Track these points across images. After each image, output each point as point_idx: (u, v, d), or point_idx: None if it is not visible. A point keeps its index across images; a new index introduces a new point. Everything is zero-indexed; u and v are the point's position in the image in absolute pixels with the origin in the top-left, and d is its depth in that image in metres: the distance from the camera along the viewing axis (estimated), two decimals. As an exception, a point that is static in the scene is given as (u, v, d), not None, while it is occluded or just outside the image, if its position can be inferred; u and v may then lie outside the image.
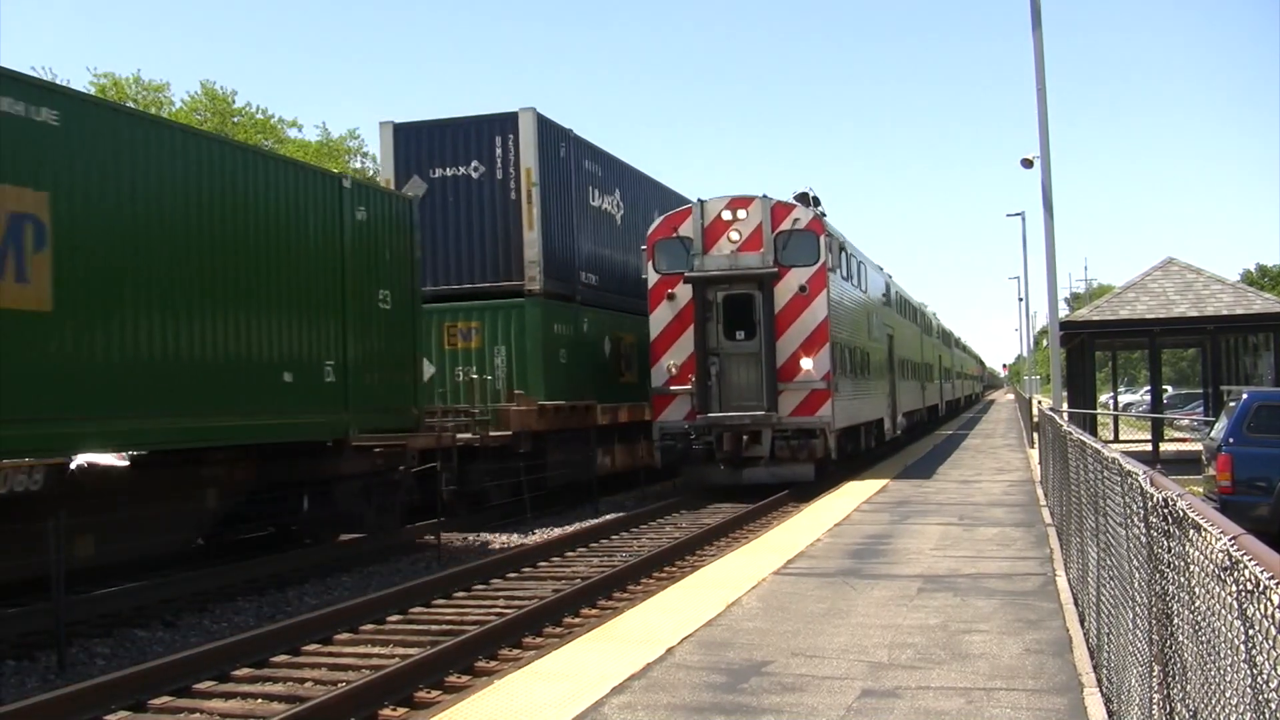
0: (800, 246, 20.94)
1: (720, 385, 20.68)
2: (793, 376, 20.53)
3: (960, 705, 6.17)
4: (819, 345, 20.58)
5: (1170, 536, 3.83)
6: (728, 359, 20.85)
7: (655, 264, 21.39)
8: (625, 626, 8.55)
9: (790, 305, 20.75)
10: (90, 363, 10.58)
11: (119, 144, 11.13)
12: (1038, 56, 20.56)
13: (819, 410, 20.40)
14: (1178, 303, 25.82)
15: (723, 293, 20.89)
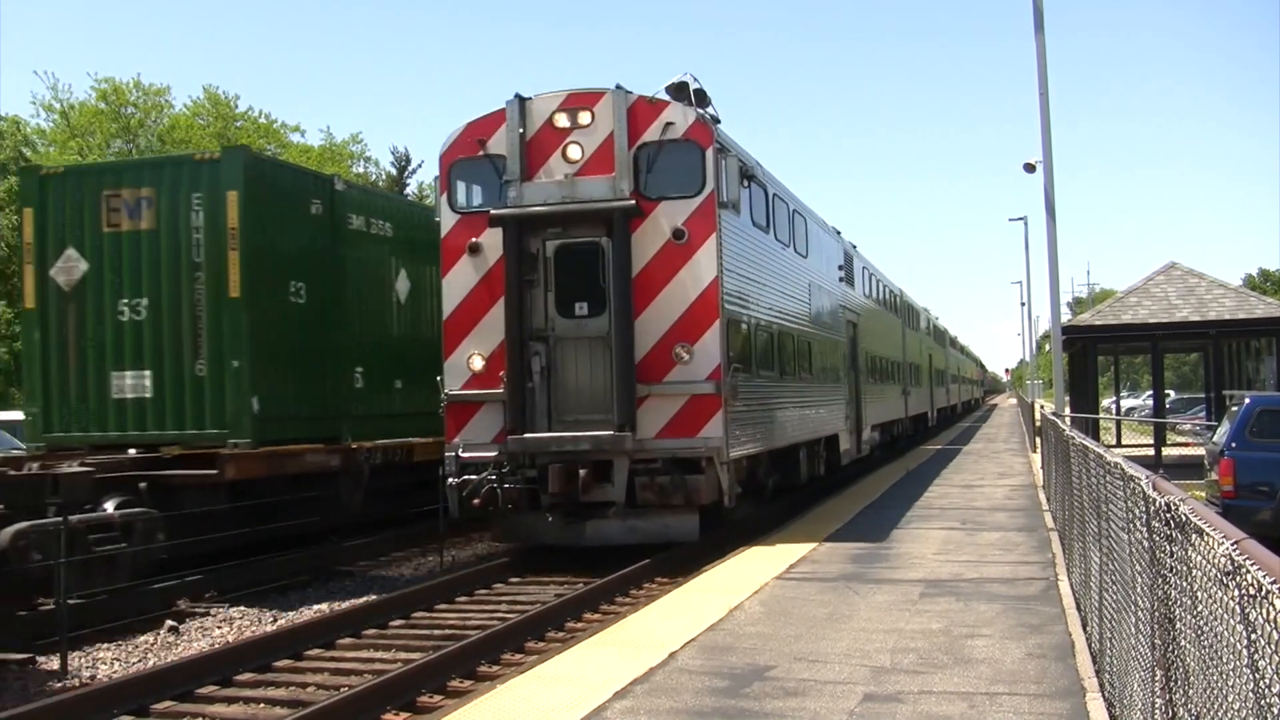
0: (675, 167, 13.52)
1: (549, 388, 13.31)
2: (662, 375, 13.11)
3: (963, 710, 6.17)
4: (704, 324, 13.13)
5: (1172, 541, 3.83)
6: (561, 347, 13.40)
7: (451, 197, 13.98)
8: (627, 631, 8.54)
9: (659, 261, 13.27)
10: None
11: None
12: (1040, 60, 20.58)
13: (703, 428, 12.95)
14: (1180, 307, 25.81)
15: (554, 241, 13.45)
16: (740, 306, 14.49)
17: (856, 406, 23.56)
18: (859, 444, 23.73)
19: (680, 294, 13.28)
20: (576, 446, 12.98)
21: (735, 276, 14.09)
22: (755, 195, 15.72)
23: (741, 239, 14.69)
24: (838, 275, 22.85)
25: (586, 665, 7.43)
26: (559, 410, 13.39)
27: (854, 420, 23.20)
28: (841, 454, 21.37)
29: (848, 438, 22.19)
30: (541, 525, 13.48)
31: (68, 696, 7.81)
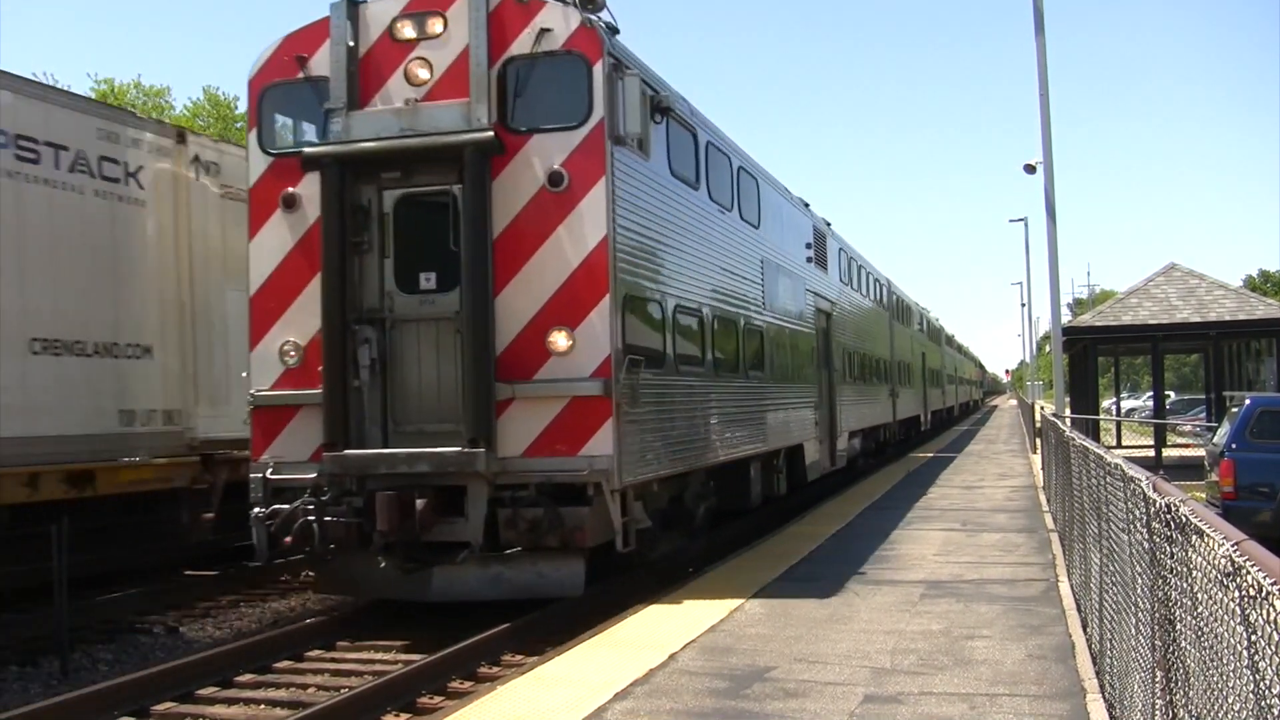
0: (552, 89, 10.29)
1: (384, 388, 10.29)
2: (532, 370, 9.94)
3: (963, 711, 6.18)
4: (588, 301, 9.89)
5: (1173, 542, 3.84)
6: (401, 333, 10.38)
7: (261, 134, 10.87)
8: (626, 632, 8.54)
9: (530, 215, 10.03)
10: None
11: None
12: (1040, 61, 20.59)
13: (587, 443, 9.71)
14: (1180, 308, 25.82)
15: (393, 191, 10.39)
16: (646, 278, 10.97)
17: (829, 410, 19.97)
18: (832, 454, 20.02)
19: (557, 260, 9.88)
20: (412, 467, 9.68)
21: (638, 237, 10.64)
22: (678, 139, 12.16)
23: (650, 189, 11.09)
24: (805, 255, 19.13)
25: (586, 666, 7.43)
26: (397, 417, 10.23)
27: (825, 427, 19.60)
28: (808, 467, 17.87)
29: (816, 448, 18.63)
30: (374, 574, 10.08)
31: (68, 697, 7.81)
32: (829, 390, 20.14)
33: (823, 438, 19.31)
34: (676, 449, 11.52)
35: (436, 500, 9.69)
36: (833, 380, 20.49)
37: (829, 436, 19.94)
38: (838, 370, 21.04)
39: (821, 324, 19.92)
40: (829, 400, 20.05)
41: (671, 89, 11.82)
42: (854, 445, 23.05)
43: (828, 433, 19.83)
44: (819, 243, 20.48)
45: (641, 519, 10.54)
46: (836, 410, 20.56)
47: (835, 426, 20.39)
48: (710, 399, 12.83)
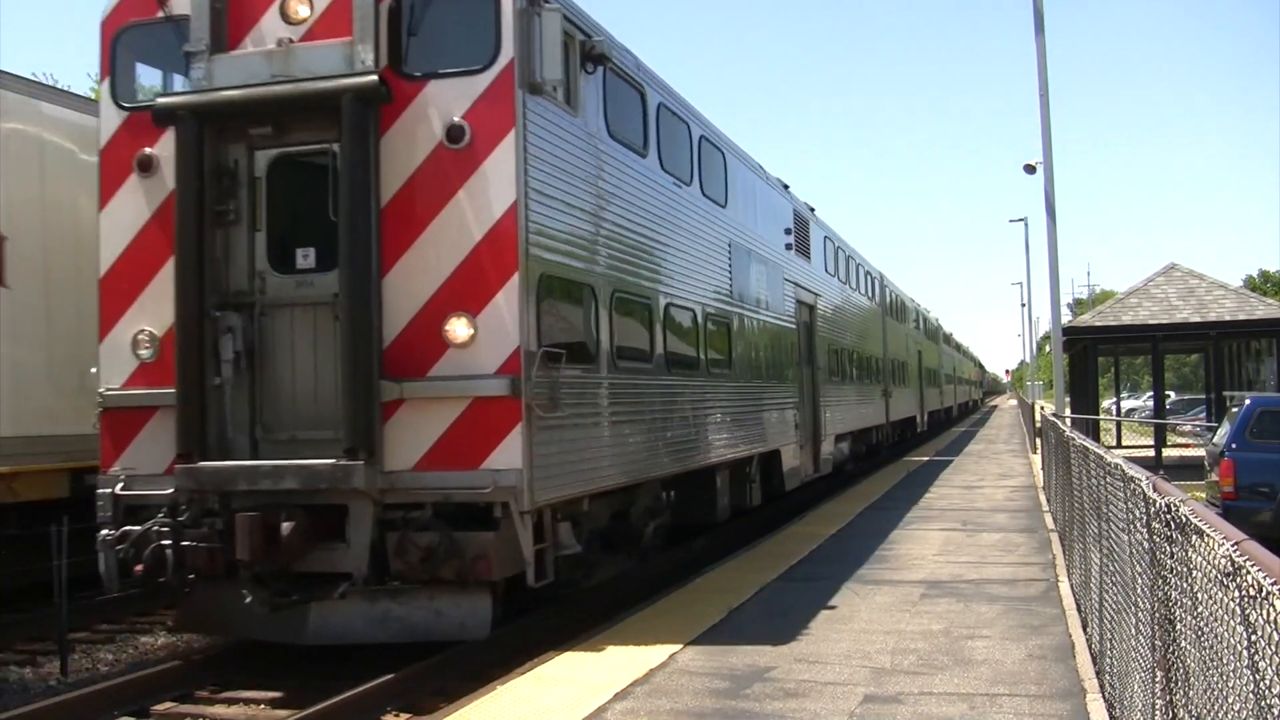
0: (451, 26, 8.80)
1: (252, 386, 8.74)
2: (426, 365, 8.38)
3: (963, 711, 6.18)
4: (493, 281, 8.30)
5: (1173, 542, 3.84)
6: (274, 321, 8.81)
7: (114, 84, 9.34)
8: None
9: (425, 178, 8.46)
10: None
11: None
12: (1040, 62, 20.58)
13: (491, 454, 8.15)
14: (1180, 308, 25.82)
15: (267, 150, 8.83)
16: (573, 256, 9.23)
17: (813, 412, 18.47)
18: (816, 459, 18.44)
19: (457, 231, 8.23)
20: (277, 483, 8.08)
21: (561, 206, 8.92)
22: (619, 96, 10.53)
23: (578, 150, 9.38)
24: (783, 241, 17.36)
25: (587, 666, 7.43)
26: (268, 422, 8.64)
27: (808, 430, 17.95)
28: (786, 474, 16.21)
29: (796, 453, 16.91)
30: (240, 610, 8.38)
31: (68, 697, 7.80)
32: (812, 390, 18.58)
33: (804, 441, 17.61)
34: (616, 460, 9.91)
35: (310, 523, 8.06)
36: (816, 379, 18.89)
37: (812, 440, 18.26)
38: (822, 368, 19.38)
39: (803, 318, 18.25)
40: (812, 401, 18.51)
41: (613, 38, 10.19)
42: (841, 449, 21.39)
43: (810, 436, 18.21)
44: (800, 229, 18.56)
45: (568, 544, 9.01)
46: (820, 412, 18.99)
47: (819, 429, 18.77)
48: (661, 401, 11.26)
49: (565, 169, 9.15)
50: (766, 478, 15.65)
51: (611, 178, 10.24)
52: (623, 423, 10.18)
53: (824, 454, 19.16)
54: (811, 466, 18.31)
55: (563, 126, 9.14)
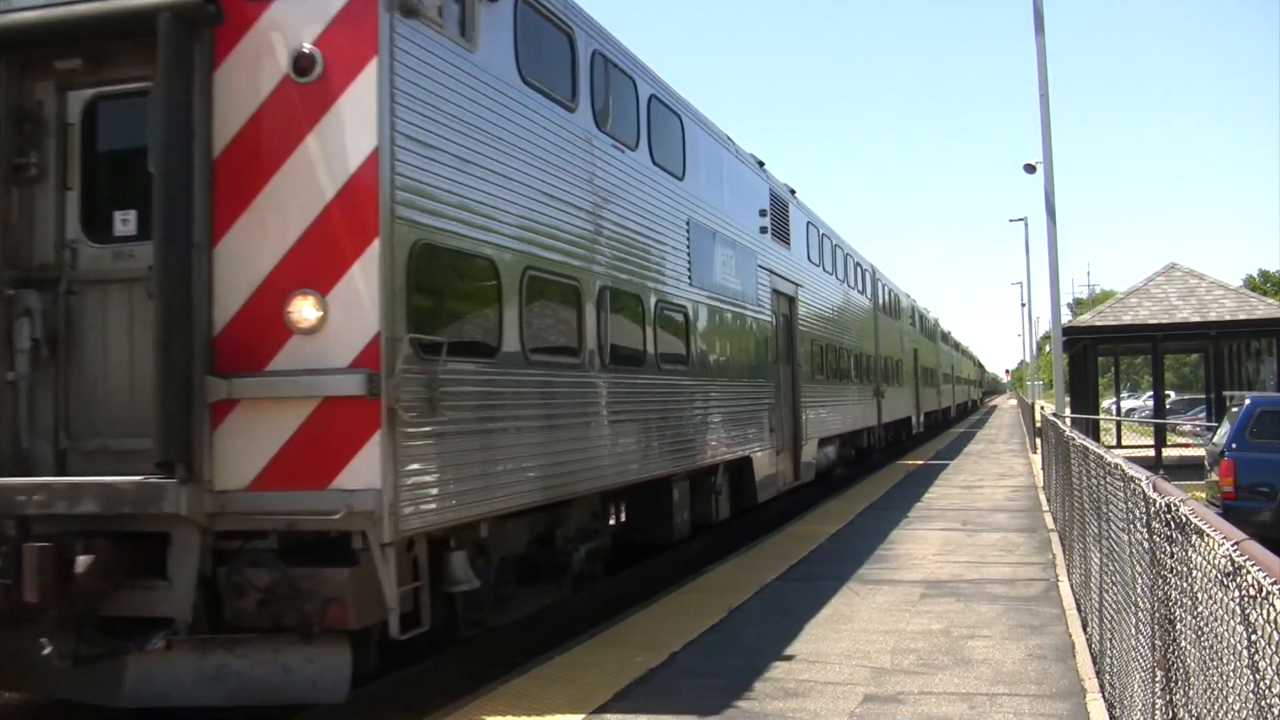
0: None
1: (57, 381, 7.05)
2: (263, 356, 6.62)
3: (963, 710, 6.18)
4: (348, 248, 6.54)
5: (1173, 542, 3.84)
6: (86, 299, 7.12)
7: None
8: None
9: (266, 120, 6.69)
10: None
11: None
12: (1040, 61, 20.59)
13: (344, 469, 6.41)
14: (1180, 308, 25.82)
15: (79, 92, 7.17)
16: (462, 221, 7.48)
17: (793, 413, 16.75)
18: (796, 466, 16.70)
19: (303, 187, 6.62)
20: (73, 505, 6.36)
21: (445, 158, 7.27)
22: (537, 34, 8.94)
23: (469, 89, 7.66)
24: (758, 224, 15.56)
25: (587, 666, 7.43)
26: (76, 429, 7.00)
27: (786, 433, 16.26)
28: (759, 483, 14.44)
29: (771, 459, 15.12)
30: (40, 661, 6.33)
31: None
32: (791, 390, 16.77)
33: (781, 446, 15.83)
34: (530, 474, 8.18)
35: (116, 555, 6.30)
36: (797, 378, 17.00)
37: (791, 445, 16.59)
38: (804, 366, 17.62)
39: (782, 310, 16.47)
40: (792, 402, 16.75)
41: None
42: (826, 454, 19.45)
43: (789, 440, 16.49)
44: (778, 212, 16.61)
45: (462, 578, 7.43)
46: (801, 413, 17.07)
47: (800, 432, 16.93)
48: (594, 403, 9.46)
49: (454, 114, 7.41)
50: (739, 487, 13.99)
51: (524, 130, 8.43)
52: (539, 429, 8.35)
53: (805, 459, 17.24)
54: (791, 473, 16.52)
55: (451, 61, 7.42)
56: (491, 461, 7.63)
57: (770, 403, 15.33)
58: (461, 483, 7.22)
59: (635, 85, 11.07)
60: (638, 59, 11.32)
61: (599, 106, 10.06)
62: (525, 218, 8.40)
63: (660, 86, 11.85)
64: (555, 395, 8.76)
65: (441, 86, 7.29)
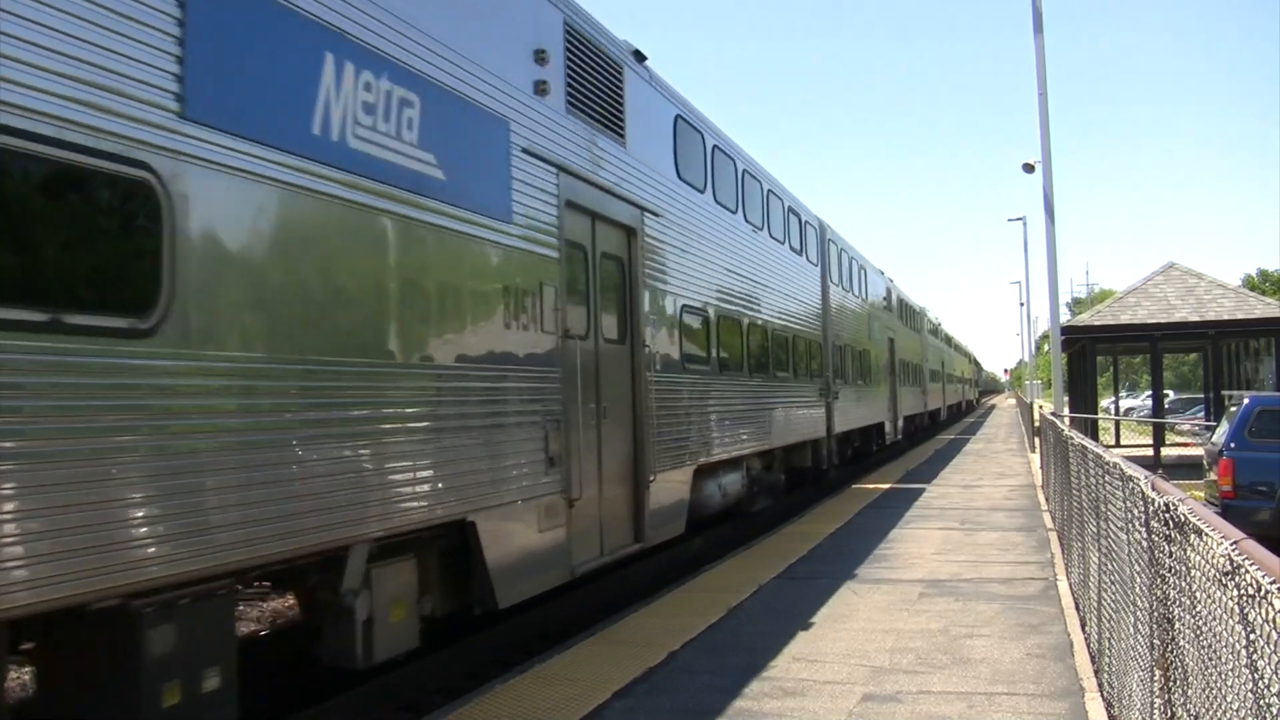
0: None
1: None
2: None
3: (961, 710, 6.18)
4: None
5: (1171, 541, 3.84)
6: None
7: None
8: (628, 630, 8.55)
9: None
10: None
11: None
12: (1039, 61, 20.59)
13: None
14: (1179, 307, 25.84)
15: None
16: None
17: (631, 434, 10.25)
18: (637, 519, 10.19)
19: None
20: None
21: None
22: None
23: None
24: (519, 70, 8.40)
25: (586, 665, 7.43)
26: None
27: (610, 469, 9.67)
28: (495, 578, 7.50)
29: (539, 524, 8.17)
30: None
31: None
32: (631, 393, 10.23)
33: (580, 490, 8.74)
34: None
35: None
36: (639, 370, 10.35)
37: (629, 486, 10.07)
38: (659, 352, 10.96)
39: (597, 247, 9.69)
40: (629, 413, 10.15)
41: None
42: (713, 491, 12.85)
43: (624, 478, 9.97)
44: (582, 66, 9.61)
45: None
46: (651, 432, 10.43)
47: (643, 464, 10.24)
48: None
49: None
50: (453, 586, 7.49)
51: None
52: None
53: (661, 504, 10.64)
54: (628, 533, 10.01)
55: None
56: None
57: (544, 419, 8.23)
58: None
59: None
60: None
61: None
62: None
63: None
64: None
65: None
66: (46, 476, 4.29)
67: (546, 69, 8.89)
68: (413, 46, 6.93)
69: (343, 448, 6.02)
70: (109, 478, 4.58)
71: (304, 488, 5.69)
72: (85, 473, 4.47)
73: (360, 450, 6.17)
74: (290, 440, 5.64)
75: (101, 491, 4.53)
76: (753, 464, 14.97)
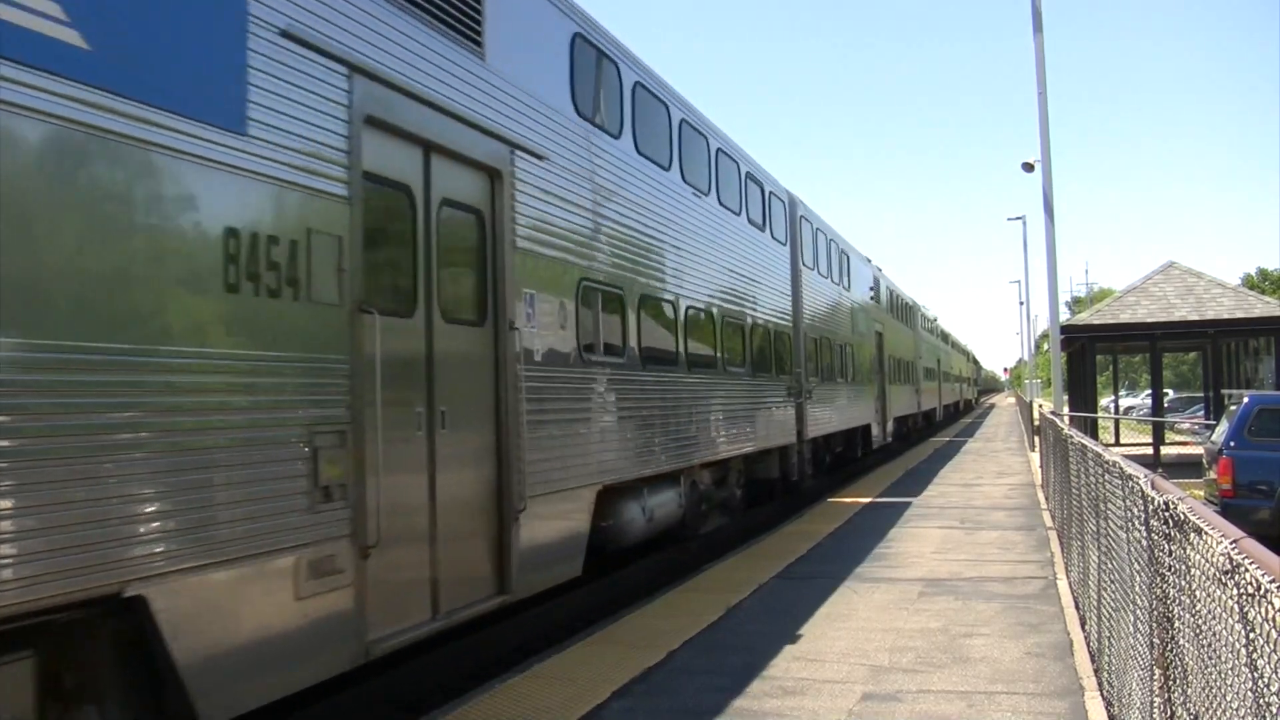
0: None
1: None
2: None
3: (961, 709, 6.18)
4: None
5: (1171, 540, 3.83)
6: None
7: None
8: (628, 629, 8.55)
9: None
10: None
11: None
12: (1039, 60, 20.59)
13: None
14: (1179, 306, 25.84)
15: None
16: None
17: (493, 451, 7.61)
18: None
19: None
20: None
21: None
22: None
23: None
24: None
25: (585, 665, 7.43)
26: None
27: (414, 521, 6.68)
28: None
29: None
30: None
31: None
32: (496, 389, 7.69)
33: (388, 536, 6.18)
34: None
35: None
36: (506, 355, 7.74)
37: (486, 520, 7.49)
38: (547, 333, 8.44)
39: (457, 188, 7.42)
40: (493, 418, 7.65)
41: None
42: (642, 514, 10.51)
43: (482, 508, 7.43)
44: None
45: None
46: (516, 447, 7.72)
47: (508, 490, 7.62)
48: None
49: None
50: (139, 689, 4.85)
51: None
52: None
53: (532, 543, 7.90)
54: (484, 583, 7.47)
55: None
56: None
57: (294, 419, 5.62)
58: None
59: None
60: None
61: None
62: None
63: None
64: None
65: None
66: None
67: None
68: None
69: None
70: None
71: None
72: None
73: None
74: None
75: None
76: (700, 477, 12.76)
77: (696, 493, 12.61)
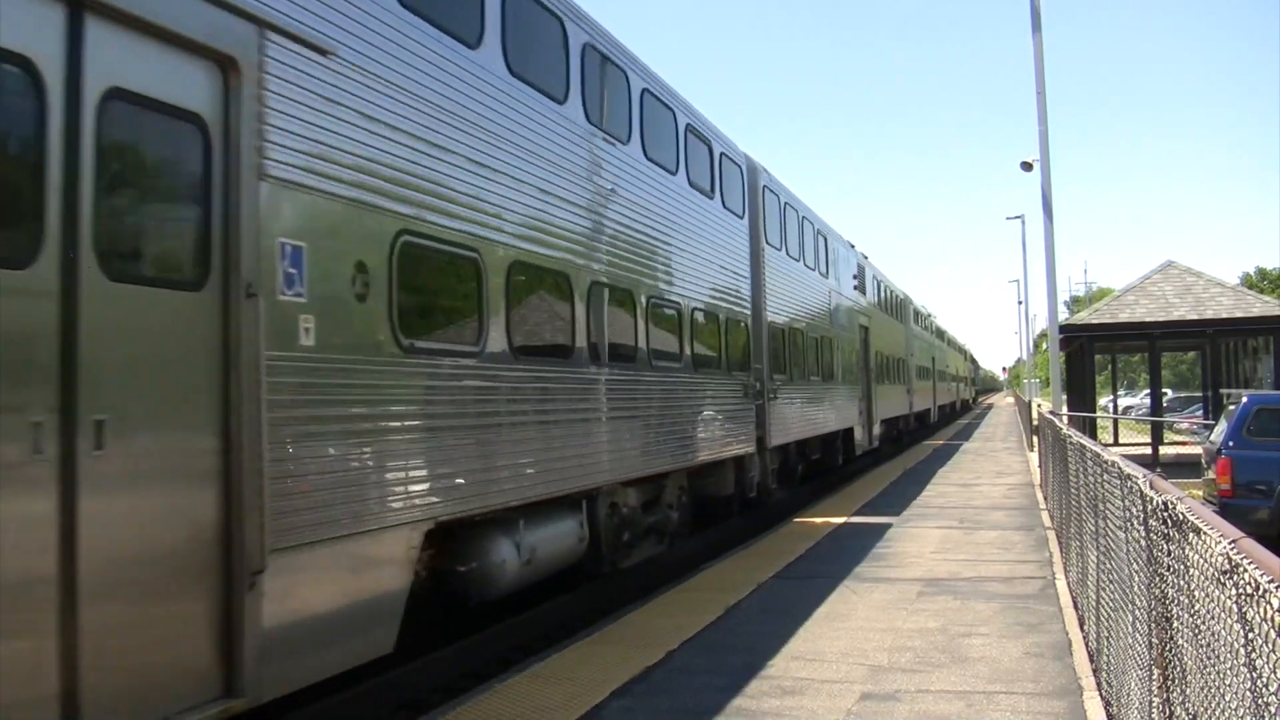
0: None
1: None
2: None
3: (960, 709, 6.18)
4: None
5: (1170, 540, 3.84)
6: None
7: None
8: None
9: None
10: None
11: None
12: (1038, 59, 20.60)
13: None
14: (1177, 306, 25.86)
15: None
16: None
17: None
18: (230, 668, 5.06)
19: None
20: None
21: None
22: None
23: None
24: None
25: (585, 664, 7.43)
26: None
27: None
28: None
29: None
30: None
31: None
32: (224, 386, 5.18)
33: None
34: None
35: None
36: (240, 335, 5.22)
37: (197, 587, 4.99)
38: (331, 306, 5.95)
39: (147, 79, 4.85)
40: (219, 431, 5.13)
41: None
42: (516, 554, 8.19)
43: (185, 569, 4.91)
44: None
45: None
46: (255, 474, 5.19)
47: (240, 539, 5.13)
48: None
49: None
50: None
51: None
52: None
53: (291, 618, 5.51)
54: (197, 683, 4.95)
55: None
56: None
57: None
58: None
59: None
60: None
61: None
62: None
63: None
64: None
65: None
66: None
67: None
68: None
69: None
70: None
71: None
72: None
73: None
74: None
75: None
76: (623, 498, 10.69)
77: (617, 518, 10.51)
